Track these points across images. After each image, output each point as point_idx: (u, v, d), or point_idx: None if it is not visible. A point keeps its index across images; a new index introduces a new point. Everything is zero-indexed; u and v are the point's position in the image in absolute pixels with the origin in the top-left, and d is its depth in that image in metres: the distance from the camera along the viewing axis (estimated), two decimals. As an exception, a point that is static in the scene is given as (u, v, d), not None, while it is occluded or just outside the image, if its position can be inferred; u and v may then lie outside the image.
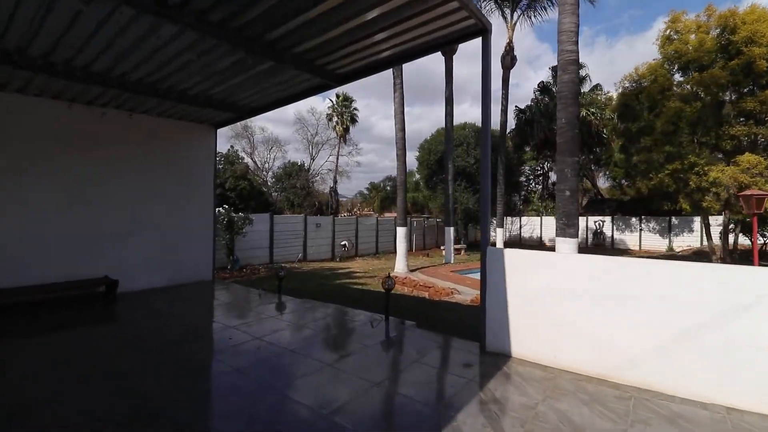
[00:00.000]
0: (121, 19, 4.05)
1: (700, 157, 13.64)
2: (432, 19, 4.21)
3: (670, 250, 21.21)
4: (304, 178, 30.23)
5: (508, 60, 18.28)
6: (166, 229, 7.83)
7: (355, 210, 39.87)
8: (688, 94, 14.53)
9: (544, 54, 72.17)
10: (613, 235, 23.72)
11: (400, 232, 13.67)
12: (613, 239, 23.67)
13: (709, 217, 16.35)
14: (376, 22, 4.28)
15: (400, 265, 13.30)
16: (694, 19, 14.77)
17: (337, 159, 32.16)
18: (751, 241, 17.87)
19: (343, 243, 16.98)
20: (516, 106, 25.25)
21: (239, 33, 4.36)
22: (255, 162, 31.88)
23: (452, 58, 17.06)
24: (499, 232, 18.28)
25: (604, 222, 23.98)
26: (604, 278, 3.64)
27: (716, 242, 16.63)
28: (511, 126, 24.12)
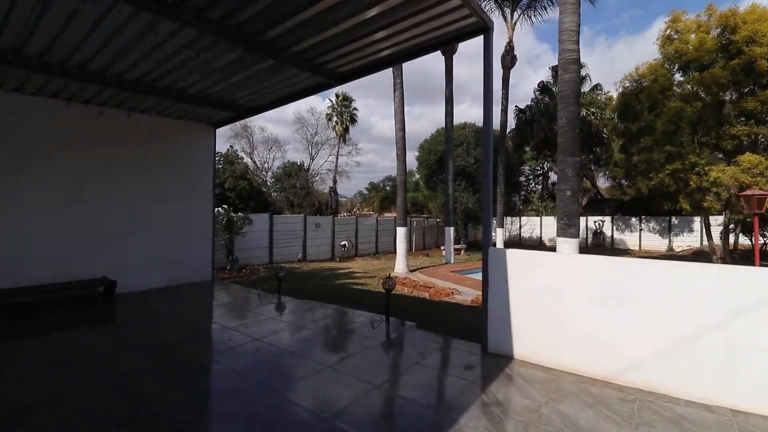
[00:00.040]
0: (119, 17, 4.01)
1: (700, 157, 13.62)
2: (433, 17, 4.17)
3: (670, 250, 21.19)
4: (304, 178, 30.18)
5: (509, 60, 18.24)
6: (165, 229, 7.78)
7: (354, 210, 39.83)
8: (689, 94, 14.50)
9: (544, 54, 72.21)
10: (613, 235, 23.70)
11: (400, 232, 13.62)
12: (613, 239, 23.64)
13: (709, 217, 16.33)
14: (376, 21, 4.24)
15: (400, 266, 13.26)
16: (694, 19, 14.75)
17: (337, 159, 32.16)
18: (752, 241, 17.91)
19: (342, 243, 16.94)
20: (516, 106, 25.26)
21: (238, 30, 4.33)
22: (254, 162, 31.86)
23: (452, 58, 17.02)
24: (499, 232, 18.24)
25: (603, 222, 23.95)
26: (607, 279, 3.60)
27: (716, 242, 16.60)
28: (511, 126, 24.12)
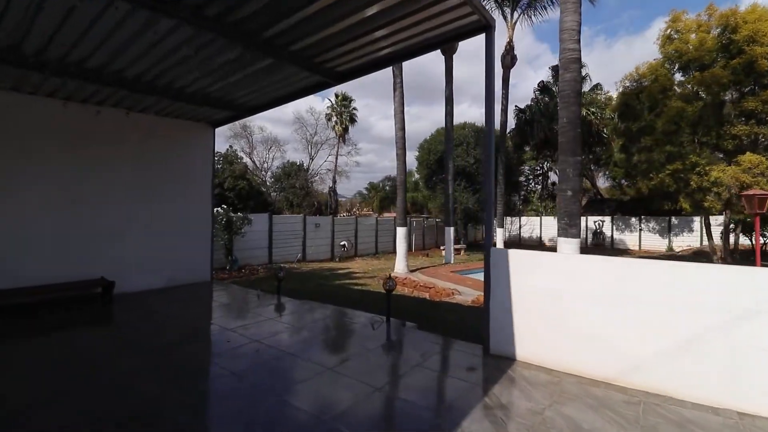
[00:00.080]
0: (116, 14, 3.96)
1: (701, 157, 13.59)
2: (433, 15, 4.13)
3: (670, 250, 21.16)
4: (303, 178, 30.10)
5: (509, 59, 18.20)
6: (164, 229, 7.72)
7: (354, 210, 39.77)
8: (689, 94, 14.48)
9: (544, 54, 72.27)
10: (612, 235, 23.66)
11: (400, 232, 13.57)
12: (612, 239, 23.61)
13: (710, 217, 16.31)
14: (376, 19, 4.19)
15: (400, 266, 13.21)
16: (694, 19, 14.74)
17: (336, 159, 32.10)
18: (752, 241, 17.90)
19: (342, 243, 16.88)
20: (516, 106, 25.22)
21: (236, 28, 4.27)
22: (254, 162, 31.77)
23: (452, 58, 16.96)
24: (498, 232, 18.19)
25: (603, 222, 23.91)
26: (610, 280, 3.55)
27: (716, 242, 16.58)
28: (511, 126, 24.07)
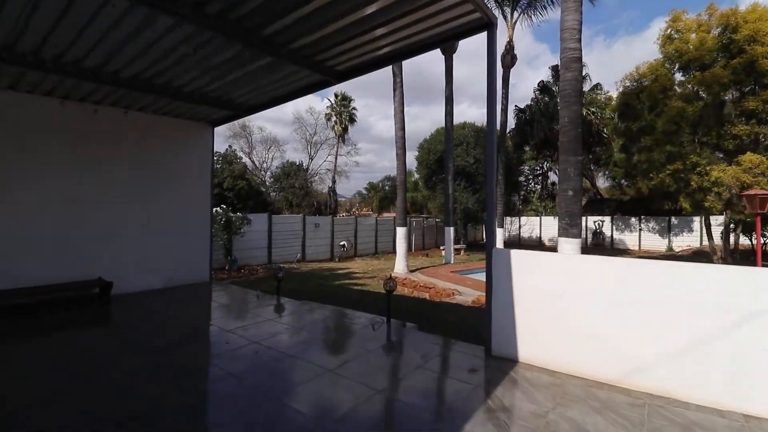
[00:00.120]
0: (114, 12, 3.91)
1: (701, 156, 13.57)
2: (434, 12, 4.08)
3: (670, 250, 21.14)
4: (303, 177, 30.05)
5: (509, 59, 18.14)
6: (163, 229, 7.66)
7: (353, 210, 39.71)
8: (690, 94, 14.46)
9: (543, 54, 72.30)
10: (612, 235, 23.64)
11: (400, 232, 13.53)
12: (612, 239, 23.59)
13: (710, 217, 16.29)
14: (376, 17, 4.14)
15: (400, 266, 13.16)
16: (695, 18, 14.72)
17: (336, 159, 32.04)
18: (752, 241, 17.88)
19: (342, 243, 16.84)
20: (516, 106, 25.14)
21: (236, 25, 4.22)
22: (253, 162, 31.72)
23: (452, 57, 16.92)
24: (498, 232, 18.15)
25: (603, 222, 23.89)
26: (613, 280, 3.52)
27: (716, 242, 16.56)
28: (510, 126, 24.01)
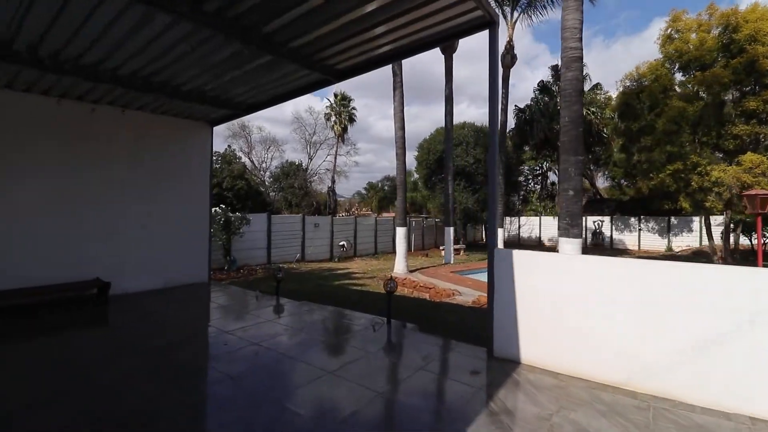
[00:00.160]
0: (112, 9, 3.86)
1: (702, 157, 13.55)
2: (435, 10, 4.03)
3: (669, 250, 21.12)
4: (302, 177, 30.00)
5: (509, 59, 18.10)
6: (161, 229, 7.61)
7: (353, 210, 39.65)
8: (690, 94, 14.44)
9: (542, 54, 72.39)
10: (612, 235, 23.61)
11: (400, 232, 13.48)
12: (612, 239, 23.57)
13: (710, 217, 16.27)
14: (376, 15, 4.09)
15: (400, 266, 13.11)
16: (695, 18, 14.70)
17: (335, 159, 31.97)
18: (752, 241, 17.88)
19: (341, 243, 16.79)
20: (516, 106, 25.08)
21: (235, 23, 4.17)
22: (252, 162, 31.63)
23: (452, 57, 16.88)
24: (498, 233, 18.14)
25: (603, 222, 23.86)
26: (616, 281, 3.47)
27: (716, 242, 16.54)
28: (510, 125, 23.97)
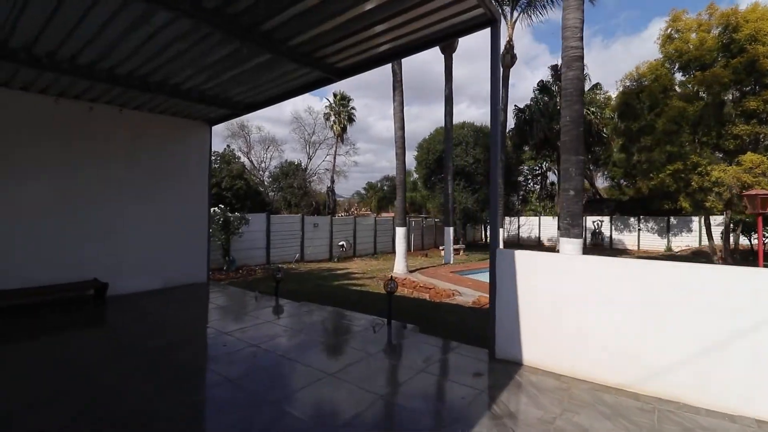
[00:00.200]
0: (109, 6, 3.81)
1: (702, 157, 13.54)
2: (436, 8, 3.99)
3: (669, 250, 21.11)
4: (301, 177, 29.94)
5: (508, 58, 18.09)
6: (160, 229, 7.56)
7: (352, 210, 39.61)
8: (690, 94, 14.43)
9: (542, 54, 72.41)
10: (611, 235, 23.61)
11: (400, 232, 13.44)
12: (611, 239, 23.56)
13: (710, 217, 16.26)
14: (376, 13, 4.05)
15: (400, 266, 13.07)
16: (695, 18, 14.69)
17: (335, 159, 31.92)
18: (751, 241, 17.89)
19: (340, 243, 16.75)
20: (515, 106, 25.00)
21: (234, 20, 4.12)
22: (251, 161, 31.54)
23: (452, 56, 16.84)
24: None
25: (602, 222, 23.86)
26: (619, 281, 3.44)
27: (716, 242, 16.53)
28: (510, 125, 23.92)
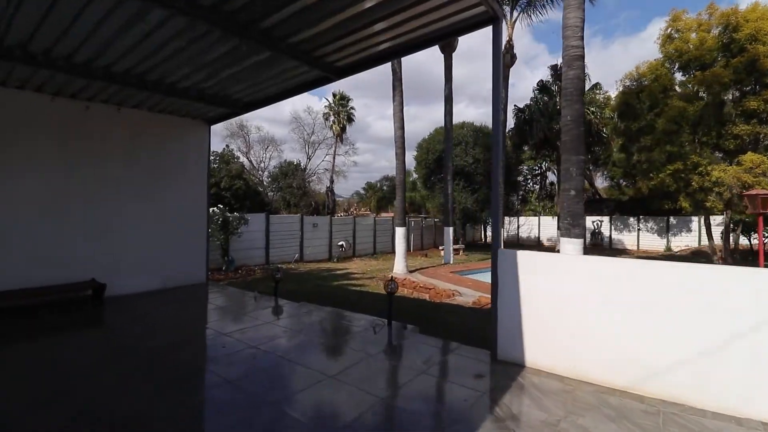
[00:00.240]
0: (104, 4, 3.76)
1: (702, 156, 13.51)
2: (437, 6, 3.94)
3: (668, 250, 21.09)
4: (301, 177, 29.87)
5: (508, 58, 18.06)
6: (158, 229, 7.49)
7: (351, 210, 39.55)
8: (690, 93, 14.40)
9: (541, 54, 72.45)
10: (611, 235, 23.59)
11: (399, 232, 13.40)
12: (611, 239, 23.54)
13: (709, 217, 16.24)
14: (376, 11, 4.00)
15: (400, 266, 13.03)
16: (695, 18, 14.67)
17: (334, 158, 31.87)
18: (751, 241, 17.88)
19: (340, 243, 16.70)
20: (515, 106, 24.96)
21: (232, 18, 4.07)
22: (251, 161, 31.45)
23: (452, 56, 16.81)
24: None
25: (602, 222, 23.83)
26: (621, 282, 3.40)
27: (716, 242, 16.51)
28: (510, 125, 23.89)
